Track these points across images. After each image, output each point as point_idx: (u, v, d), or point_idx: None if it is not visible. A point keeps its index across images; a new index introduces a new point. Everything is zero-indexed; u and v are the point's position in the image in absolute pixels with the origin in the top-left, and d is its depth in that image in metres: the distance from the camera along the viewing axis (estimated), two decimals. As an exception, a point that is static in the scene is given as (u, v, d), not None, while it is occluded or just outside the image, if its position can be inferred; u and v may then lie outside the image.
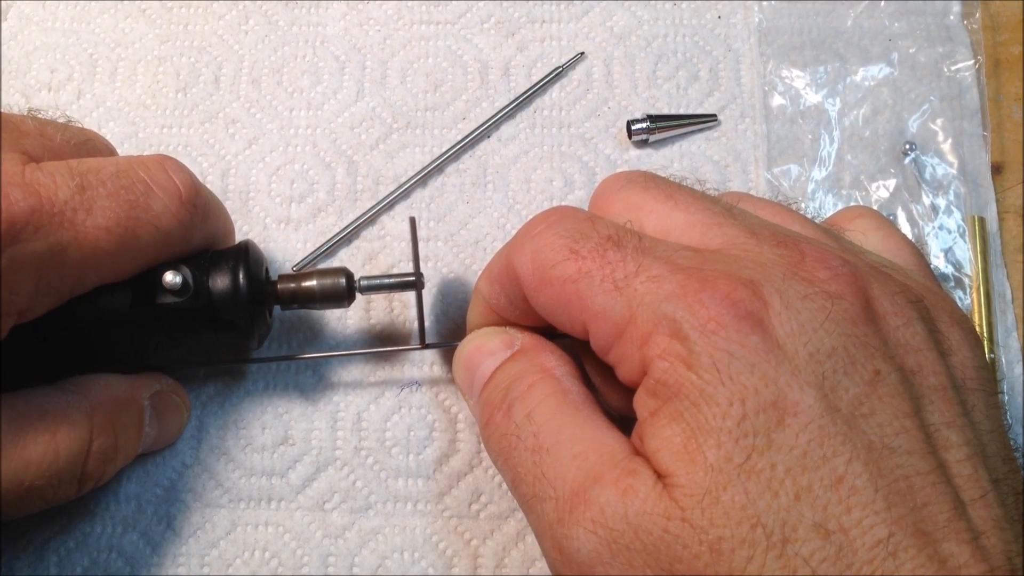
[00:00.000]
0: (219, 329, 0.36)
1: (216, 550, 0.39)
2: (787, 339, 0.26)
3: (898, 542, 0.24)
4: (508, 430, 0.32)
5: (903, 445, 0.26)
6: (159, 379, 0.39)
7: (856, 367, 0.26)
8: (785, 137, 0.45)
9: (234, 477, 0.40)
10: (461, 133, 0.46)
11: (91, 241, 0.32)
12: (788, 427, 0.25)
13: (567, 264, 0.30)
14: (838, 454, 0.25)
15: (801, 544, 0.24)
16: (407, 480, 0.40)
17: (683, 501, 0.26)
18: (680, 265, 0.29)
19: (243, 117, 0.47)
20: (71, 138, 0.36)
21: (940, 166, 0.44)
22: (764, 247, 0.29)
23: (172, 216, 0.34)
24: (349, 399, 0.41)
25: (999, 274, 0.43)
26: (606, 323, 0.29)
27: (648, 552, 0.26)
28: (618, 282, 0.29)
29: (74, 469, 0.34)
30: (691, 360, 0.27)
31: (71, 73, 0.48)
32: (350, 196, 0.45)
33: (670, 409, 0.27)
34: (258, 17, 0.49)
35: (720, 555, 0.25)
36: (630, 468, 0.28)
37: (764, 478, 0.25)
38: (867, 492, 0.25)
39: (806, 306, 0.27)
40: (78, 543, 0.39)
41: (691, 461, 0.26)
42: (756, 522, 0.25)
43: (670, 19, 0.48)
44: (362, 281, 0.39)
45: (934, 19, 0.47)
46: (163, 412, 0.39)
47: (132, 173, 0.34)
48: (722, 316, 0.27)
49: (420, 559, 0.39)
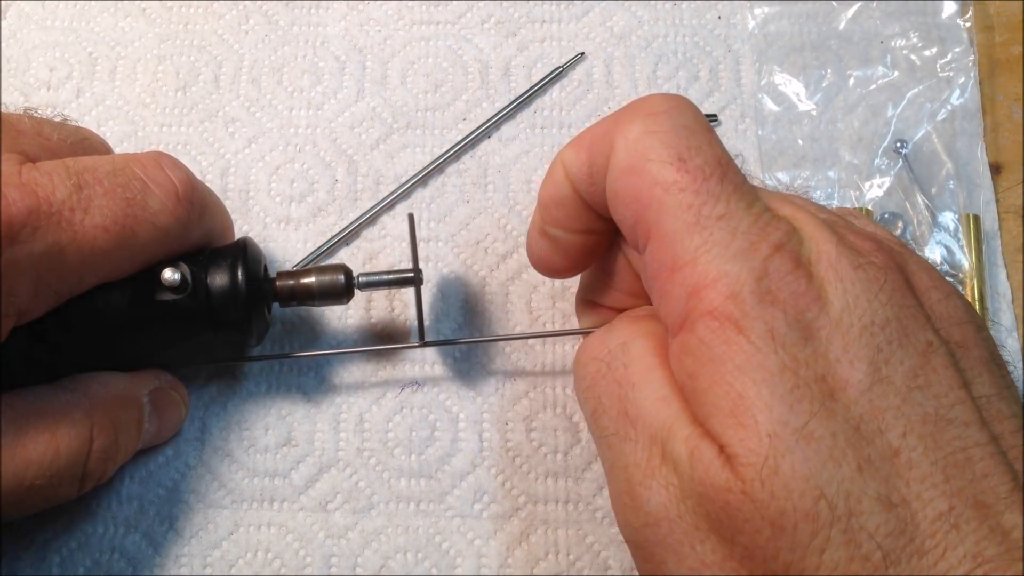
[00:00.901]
0: (218, 326, 0.36)
1: (219, 551, 0.39)
2: (842, 312, 0.26)
3: (959, 515, 0.24)
4: (599, 354, 0.31)
5: (959, 416, 0.25)
6: (158, 376, 0.39)
7: (909, 338, 0.26)
8: (783, 138, 0.46)
9: (237, 478, 0.40)
10: (461, 133, 0.46)
11: (89, 240, 0.32)
12: (840, 400, 0.25)
13: (667, 168, 0.28)
14: (893, 427, 0.25)
15: (867, 518, 0.24)
16: (409, 480, 0.40)
17: (743, 472, 0.25)
18: (761, 224, 0.27)
19: (243, 116, 0.47)
20: (67, 137, 0.35)
21: (934, 165, 0.45)
22: (816, 217, 0.29)
23: (169, 213, 0.34)
24: (351, 400, 0.41)
25: (999, 274, 0.43)
26: (667, 252, 0.28)
27: (711, 519, 0.26)
28: (701, 218, 0.27)
29: (75, 468, 0.34)
30: (744, 325, 0.26)
31: (70, 72, 0.48)
32: (350, 196, 0.45)
33: (712, 372, 0.26)
34: (258, 17, 0.49)
35: (782, 531, 0.24)
36: (700, 430, 0.27)
37: (825, 446, 0.24)
38: (924, 465, 0.24)
39: (859, 276, 0.27)
40: (80, 544, 0.39)
41: (742, 426, 0.25)
42: (819, 494, 0.24)
43: (670, 19, 0.48)
44: (361, 278, 0.39)
45: (928, 19, 0.47)
46: (162, 408, 0.39)
47: (128, 171, 0.34)
48: (782, 289, 0.26)
49: (423, 559, 0.39)
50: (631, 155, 0.29)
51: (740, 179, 0.28)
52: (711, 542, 0.26)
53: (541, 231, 0.35)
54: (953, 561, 0.23)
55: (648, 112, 0.30)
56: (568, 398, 0.41)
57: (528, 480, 0.40)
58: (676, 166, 0.28)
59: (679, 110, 0.30)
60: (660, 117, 0.29)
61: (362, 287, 0.39)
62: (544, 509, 0.39)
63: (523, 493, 0.39)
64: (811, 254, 0.27)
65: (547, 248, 0.35)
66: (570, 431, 0.40)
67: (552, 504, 0.39)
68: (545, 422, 0.40)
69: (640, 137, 0.29)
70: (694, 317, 0.27)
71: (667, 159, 0.28)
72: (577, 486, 0.39)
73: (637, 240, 0.30)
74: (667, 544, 0.27)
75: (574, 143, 0.32)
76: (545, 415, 0.41)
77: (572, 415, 0.41)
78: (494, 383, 0.41)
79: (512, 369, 0.41)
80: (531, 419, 0.41)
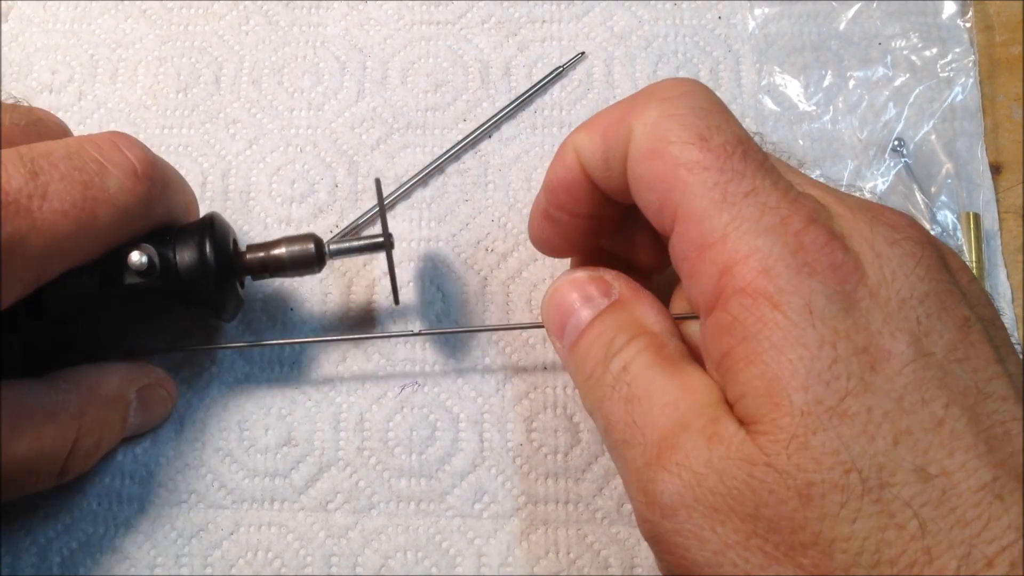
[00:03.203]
0: (189, 304, 0.36)
1: (219, 551, 0.39)
2: (880, 285, 0.26)
3: (1003, 485, 0.23)
4: (605, 382, 0.31)
5: (997, 391, 0.25)
6: (149, 372, 0.39)
7: (948, 312, 0.26)
8: (784, 138, 0.46)
9: (237, 478, 0.40)
10: (462, 133, 0.46)
11: (50, 227, 0.31)
12: (882, 371, 0.25)
13: (689, 148, 0.28)
14: (936, 398, 0.24)
15: (901, 488, 0.24)
16: (410, 480, 0.40)
17: (768, 447, 0.25)
18: (790, 199, 0.27)
19: (244, 117, 0.47)
20: (19, 120, 0.35)
21: (935, 165, 0.45)
22: (844, 197, 0.29)
23: (129, 192, 0.34)
24: (352, 400, 0.41)
25: (999, 274, 0.43)
26: (696, 231, 0.28)
27: (732, 496, 0.25)
28: (728, 196, 0.27)
29: (55, 466, 0.35)
30: (779, 300, 0.26)
31: (72, 75, 0.48)
32: (351, 196, 0.45)
33: (747, 350, 0.26)
34: (258, 17, 0.49)
35: (810, 500, 0.24)
36: (715, 415, 0.27)
37: (860, 422, 0.24)
38: (968, 436, 0.24)
39: (895, 252, 0.27)
40: (81, 544, 0.39)
41: (776, 406, 0.25)
42: (850, 467, 0.24)
43: (670, 19, 0.48)
44: (331, 246, 0.38)
45: (928, 19, 0.47)
46: (149, 404, 0.39)
47: (84, 153, 0.33)
48: (819, 261, 0.26)
49: (423, 559, 0.39)
50: (651, 139, 0.29)
51: (762, 156, 0.28)
52: (732, 522, 0.25)
53: (545, 213, 0.34)
54: (997, 531, 0.23)
55: (663, 96, 0.30)
56: (568, 398, 0.41)
57: (528, 480, 0.40)
58: (698, 145, 0.28)
59: (694, 92, 0.30)
60: (676, 100, 0.29)
61: (333, 255, 0.38)
62: (544, 509, 0.39)
63: (523, 493, 0.40)
64: (843, 229, 0.27)
65: (550, 230, 0.35)
66: (570, 431, 0.40)
67: (552, 504, 0.39)
68: (545, 422, 0.41)
69: (659, 120, 0.29)
70: (727, 295, 0.27)
71: (688, 139, 0.28)
72: (577, 486, 0.39)
73: (664, 224, 0.29)
74: (687, 531, 0.26)
75: (587, 127, 0.32)
76: (545, 415, 0.41)
77: (572, 415, 0.41)
78: (495, 383, 0.41)
79: (513, 369, 0.41)
80: (531, 419, 0.41)
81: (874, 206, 0.29)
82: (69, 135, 0.38)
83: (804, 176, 0.31)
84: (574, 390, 0.41)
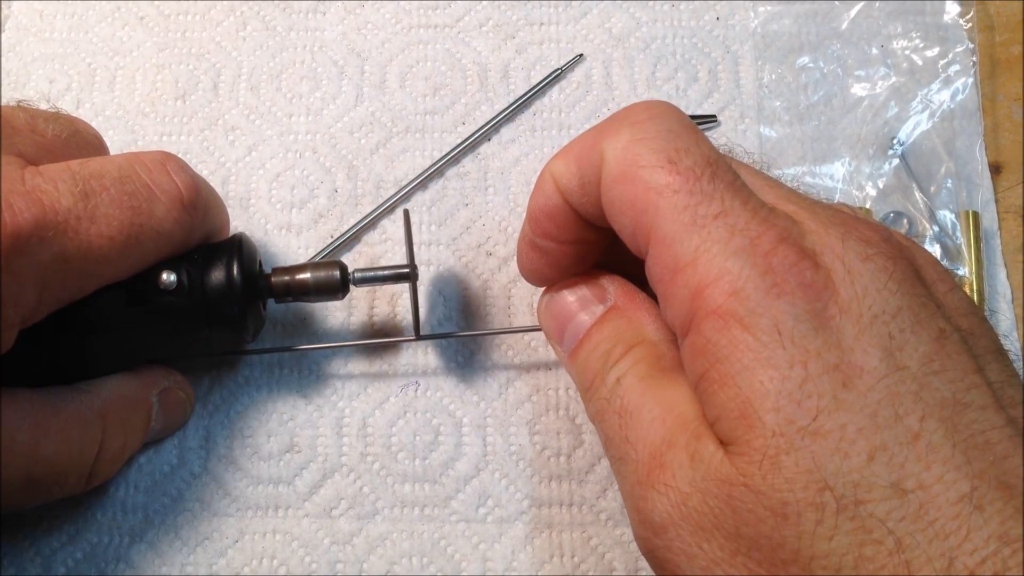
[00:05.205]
0: (213, 324, 0.36)
1: (224, 559, 0.39)
2: (851, 302, 0.26)
3: (983, 495, 0.23)
4: (602, 395, 0.31)
5: (976, 400, 0.25)
6: (167, 375, 0.39)
7: (922, 325, 0.26)
8: (784, 137, 0.46)
9: (241, 486, 0.40)
10: (461, 136, 0.46)
11: (94, 249, 0.31)
12: (855, 388, 0.25)
13: (658, 172, 0.28)
14: (911, 412, 0.24)
15: (876, 504, 0.24)
16: (414, 485, 0.40)
17: (743, 468, 0.25)
18: (760, 219, 0.27)
19: (242, 124, 0.47)
20: (61, 131, 0.35)
21: (934, 164, 0.45)
22: (819, 212, 0.29)
23: (174, 221, 0.34)
24: (354, 405, 0.41)
25: (999, 274, 0.43)
26: (668, 254, 0.28)
27: (715, 515, 0.26)
28: (698, 219, 0.27)
29: (83, 468, 0.35)
30: (749, 321, 0.26)
31: (70, 83, 0.48)
32: (351, 201, 0.45)
33: (720, 372, 0.26)
34: (256, 23, 0.49)
35: (786, 519, 0.24)
36: (697, 432, 0.27)
37: (833, 439, 0.24)
38: (945, 448, 0.24)
39: (867, 267, 0.27)
40: (86, 554, 0.39)
41: (749, 427, 0.25)
42: (824, 485, 0.24)
43: (669, 21, 0.48)
44: (356, 274, 0.39)
45: (929, 19, 0.47)
46: (169, 408, 0.39)
47: (135, 178, 0.34)
48: (788, 281, 0.26)
49: (429, 564, 0.39)
50: (622, 164, 0.29)
51: (731, 176, 0.29)
52: (717, 540, 0.26)
53: (531, 243, 0.35)
54: (978, 542, 0.23)
55: (633, 121, 0.30)
56: (570, 400, 0.41)
57: (532, 483, 0.40)
58: (667, 169, 0.28)
59: (663, 115, 0.30)
60: (645, 124, 0.29)
61: (357, 283, 0.39)
62: (548, 512, 0.39)
63: (527, 496, 0.40)
64: (815, 246, 0.27)
65: (538, 260, 0.35)
66: (573, 433, 0.40)
67: (556, 507, 0.39)
68: (548, 425, 0.41)
69: (628, 145, 0.29)
70: (700, 317, 0.27)
71: (658, 163, 0.28)
72: (581, 488, 0.40)
73: (639, 247, 0.30)
74: (676, 548, 0.27)
75: (561, 155, 0.32)
76: (548, 418, 0.41)
77: (575, 417, 0.41)
78: (497, 387, 0.41)
79: (515, 372, 0.41)
80: (534, 422, 0.41)
81: (848, 219, 0.29)
82: (104, 146, 0.38)
83: (781, 188, 0.31)
84: (576, 392, 0.41)
